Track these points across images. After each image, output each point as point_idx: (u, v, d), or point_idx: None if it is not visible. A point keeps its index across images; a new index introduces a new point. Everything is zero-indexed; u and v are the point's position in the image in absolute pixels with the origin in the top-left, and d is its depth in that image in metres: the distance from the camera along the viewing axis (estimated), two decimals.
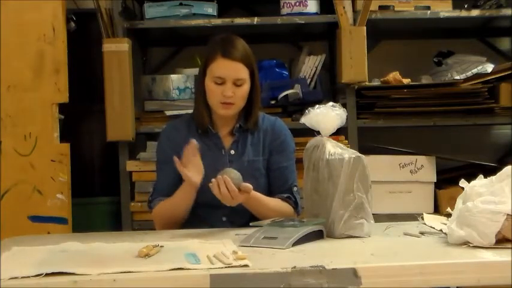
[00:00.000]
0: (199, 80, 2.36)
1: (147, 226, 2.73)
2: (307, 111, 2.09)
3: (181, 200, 2.26)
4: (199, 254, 1.73)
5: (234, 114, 2.34)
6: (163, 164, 2.36)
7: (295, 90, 3.11)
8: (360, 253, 1.78)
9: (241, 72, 2.28)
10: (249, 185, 2.14)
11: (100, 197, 3.27)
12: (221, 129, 2.38)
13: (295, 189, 2.35)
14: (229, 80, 2.27)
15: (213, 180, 2.11)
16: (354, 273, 1.58)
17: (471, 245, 1.77)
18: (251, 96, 2.33)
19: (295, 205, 2.34)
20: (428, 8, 3.17)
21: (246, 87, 2.30)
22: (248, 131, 2.37)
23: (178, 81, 3.10)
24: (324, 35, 3.44)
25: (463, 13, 3.16)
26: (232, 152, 2.36)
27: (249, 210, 2.24)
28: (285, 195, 2.34)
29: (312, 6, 3.14)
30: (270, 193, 2.35)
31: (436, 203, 3.12)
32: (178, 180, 2.31)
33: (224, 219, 2.33)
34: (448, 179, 3.15)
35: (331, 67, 3.42)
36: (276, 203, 2.30)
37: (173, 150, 2.32)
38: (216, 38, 2.35)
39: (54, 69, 2.91)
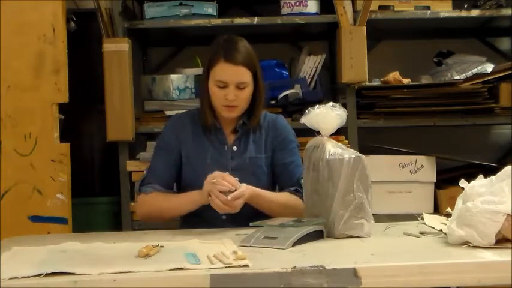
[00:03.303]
0: (203, 81, 2.37)
1: (147, 226, 2.73)
2: (307, 111, 2.09)
3: (190, 205, 2.27)
4: (199, 254, 1.73)
5: (237, 115, 2.35)
6: (163, 151, 2.39)
7: (295, 90, 3.11)
8: (360, 253, 1.78)
9: (244, 76, 2.29)
10: (241, 191, 2.14)
11: (100, 197, 3.27)
12: (225, 126, 2.40)
13: (302, 181, 2.35)
14: (232, 84, 2.28)
15: (210, 192, 2.14)
16: (354, 273, 1.58)
17: (471, 245, 1.77)
18: (254, 96, 2.34)
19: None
20: (428, 8, 3.17)
21: (248, 90, 2.31)
22: (251, 128, 2.38)
23: (178, 81, 3.10)
24: (324, 35, 3.44)
25: (463, 13, 3.16)
26: (235, 148, 2.37)
27: (256, 208, 2.24)
28: (293, 188, 2.35)
29: (312, 6, 3.14)
30: (278, 190, 2.36)
31: (436, 203, 3.12)
32: (173, 170, 2.36)
33: (224, 217, 2.33)
34: (448, 179, 3.15)
35: (331, 67, 3.42)
36: (281, 196, 2.31)
37: (176, 141, 2.36)
38: (219, 39, 2.35)
39: (54, 69, 2.91)
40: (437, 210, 3.08)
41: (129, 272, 1.58)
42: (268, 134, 2.40)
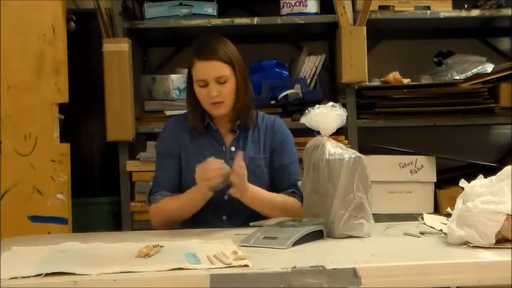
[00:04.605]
0: (187, 85, 2.39)
1: (147, 226, 2.73)
2: (307, 111, 2.09)
3: (194, 202, 2.27)
4: (199, 254, 1.73)
5: (226, 112, 2.35)
6: (165, 158, 2.38)
7: (295, 90, 3.11)
8: (360, 253, 1.78)
9: (220, 69, 2.29)
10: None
11: (100, 197, 3.27)
12: (222, 126, 2.40)
13: (299, 183, 2.35)
14: (211, 80, 2.29)
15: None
16: (354, 273, 1.58)
17: (471, 245, 1.77)
18: (236, 91, 2.34)
19: (301, 199, 2.33)
20: (428, 8, 3.17)
21: (230, 84, 2.31)
22: (249, 128, 2.38)
23: (178, 81, 3.10)
24: (324, 35, 3.44)
25: (463, 13, 3.16)
26: (233, 148, 2.37)
27: (254, 208, 2.25)
28: (290, 190, 2.35)
29: (312, 6, 3.14)
30: (275, 192, 2.35)
31: (436, 203, 3.12)
32: (179, 174, 2.34)
33: (224, 218, 2.34)
34: (448, 179, 3.15)
35: (331, 67, 3.42)
36: (280, 198, 2.31)
37: (175, 145, 2.36)
38: (195, 42, 2.37)
39: (54, 69, 2.91)
40: (437, 210, 3.08)
41: (129, 272, 1.58)
42: (267, 135, 2.40)
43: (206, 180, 2.14)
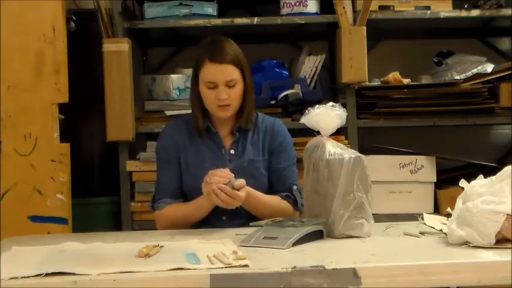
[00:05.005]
0: (192, 84, 2.37)
1: (147, 226, 2.73)
2: (307, 111, 2.09)
3: (200, 208, 2.27)
4: (199, 254, 1.73)
5: (231, 114, 2.35)
6: (166, 164, 2.37)
7: (295, 90, 3.11)
8: (360, 253, 1.78)
9: (232, 73, 2.29)
10: (242, 180, 2.15)
11: (100, 197, 3.27)
12: (221, 129, 2.39)
13: (294, 187, 2.36)
14: (221, 83, 2.28)
15: (211, 191, 2.12)
16: (354, 273, 1.58)
17: (471, 245, 1.77)
18: (243, 95, 2.34)
19: (295, 203, 2.34)
20: (428, 8, 3.17)
21: (239, 87, 2.31)
22: (248, 131, 2.38)
23: (178, 81, 3.10)
24: (324, 35, 3.44)
25: (463, 13, 3.16)
26: (232, 151, 2.37)
27: (246, 208, 2.25)
28: (284, 194, 2.35)
29: (312, 6, 3.14)
30: (271, 194, 2.35)
31: (436, 203, 3.12)
32: (180, 178, 2.34)
33: (224, 218, 2.33)
34: (448, 179, 3.15)
35: (331, 67, 3.42)
36: (272, 199, 2.32)
37: (175, 147, 2.35)
38: (204, 42, 2.36)
39: (54, 69, 2.91)
40: (437, 210, 3.08)
41: (129, 272, 1.58)
42: (266, 137, 2.40)
43: (207, 184, 2.14)
